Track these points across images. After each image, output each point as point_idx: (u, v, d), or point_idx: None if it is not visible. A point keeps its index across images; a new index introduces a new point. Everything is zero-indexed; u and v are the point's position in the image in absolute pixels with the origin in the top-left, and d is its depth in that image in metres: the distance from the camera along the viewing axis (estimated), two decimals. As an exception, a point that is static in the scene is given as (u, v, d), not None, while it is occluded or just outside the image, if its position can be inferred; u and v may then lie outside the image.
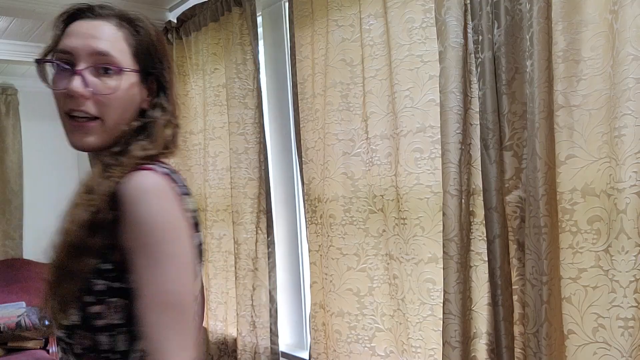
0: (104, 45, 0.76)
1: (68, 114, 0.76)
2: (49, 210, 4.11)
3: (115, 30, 0.78)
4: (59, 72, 0.78)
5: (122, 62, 0.77)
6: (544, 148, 1.17)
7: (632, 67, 1.06)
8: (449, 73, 1.35)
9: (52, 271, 0.81)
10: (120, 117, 0.78)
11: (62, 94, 0.76)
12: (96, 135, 0.77)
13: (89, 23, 0.78)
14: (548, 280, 1.17)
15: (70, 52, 0.76)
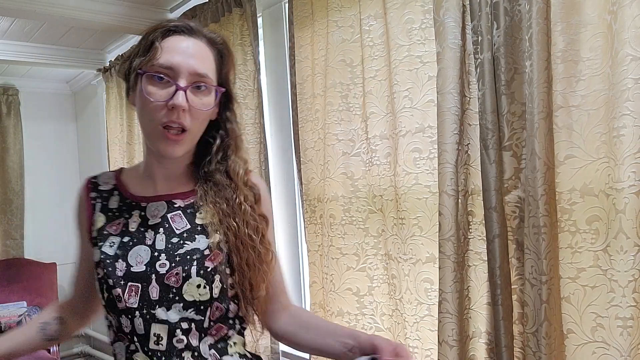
0: (203, 68, 0.84)
1: (163, 125, 0.82)
2: (50, 211, 4.14)
3: (208, 51, 0.86)
4: (154, 83, 0.82)
5: (214, 82, 0.87)
6: (543, 148, 1.17)
7: (631, 67, 1.06)
8: (446, 74, 1.35)
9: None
10: (201, 129, 0.88)
11: (162, 106, 0.81)
12: (184, 145, 0.85)
13: (187, 41, 0.84)
14: (547, 280, 1.17)
15: (172, 67, 0.82)
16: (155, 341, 0.83)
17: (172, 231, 0.88)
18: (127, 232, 0.89)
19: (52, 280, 3.66)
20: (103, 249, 0.88)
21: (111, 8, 2.50)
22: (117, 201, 0.93)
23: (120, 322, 0.86)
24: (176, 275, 0.83)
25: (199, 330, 0.85)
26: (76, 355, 4.10)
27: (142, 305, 0.83)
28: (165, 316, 0.83)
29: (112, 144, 3.33)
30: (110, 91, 3.32)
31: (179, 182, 0.93)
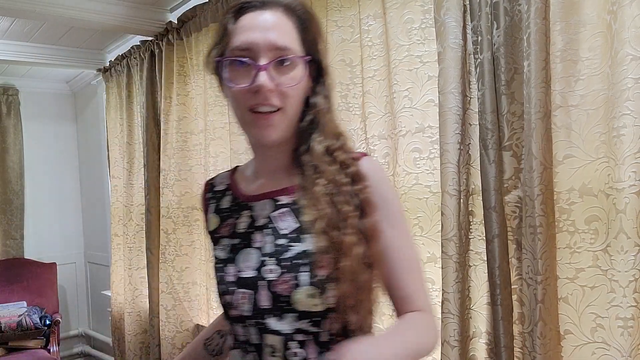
0: (282, 39, 0.75)
1: (252, 109, 0.75)
2: (50, 210, 4.14)
3: (286, 20, 0.77)
4: (235, 68, 0.76)
5: (298, 53, 0.76)
6: (540, 148, 1.17)
7: (631, 67, 1.06)
8: (447, 73, 1.35)
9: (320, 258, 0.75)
10: (297, 106, 0.78)
11: (245, 90, 0.74)
12: (280, 127, 0.76)
13: (260, 15, 0.76)
14: (543, 280, 1.17)
15: (249, 47, 0.74)
16: (270, 352, 0.77)
17: (279, 232, 0.79)
18: (236, 234, 0.82)
19: (52, 280, 3.66)
20: (216, 253, 0.84)
21: (111, 8, 2.50)
22: (229, 201, 0.88)
23: (236, 330, 0.81)
24: (286, 283, 0.74)
25: (317, 344, 0.76)
26: (76, 355, 4.10)
27: (254, 314, 0.77)
28: (277, 326, 0.75)
29: (112, 144, 3.33)
30: (110, 91, 3.33)
31: (285, 175, 0.83)
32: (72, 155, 4.18)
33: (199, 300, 2.58)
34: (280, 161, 0.83)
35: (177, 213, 2.58)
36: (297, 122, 0.81)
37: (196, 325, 2.58)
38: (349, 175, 0.78)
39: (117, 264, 3.26)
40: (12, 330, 3.14)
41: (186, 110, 2.56)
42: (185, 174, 2.58)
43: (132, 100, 3.06)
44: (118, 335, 3.25)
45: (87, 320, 4.14)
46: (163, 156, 2.65)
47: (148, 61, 2.78)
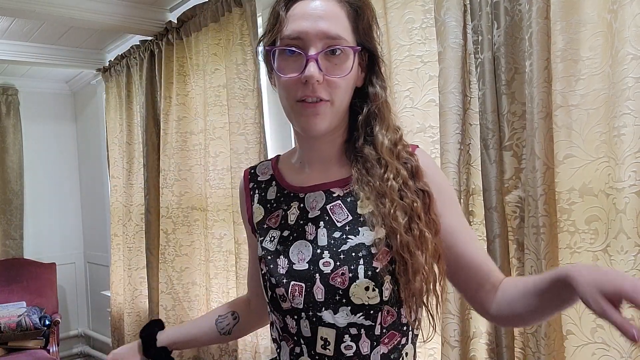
0: (334, 28, 0.74)
1: (299, 100, 0.74)
2: (50, 210, 4.13)
3: (338, 8, 0.75)
4: (285, 57, 0.75)
5: (349, 42, 0.75)
6: (542, 148, 1.17)
7: (632, 66, 1.06)
8: (448, 73, 1.35)
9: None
10: (346, 98, 0.78)
11: (294, 81, 0.74)
12: (327, 117, 0.75)
13: (312, 3, 0.75)
14: (547, 280, 1.17)
15: (300, 36, 0.73)
16: (322, 345, 0.76)
17: (334, 224, 0.78)
18: (286, 226, 0.81)
19: (52, 280, 3.65)
20: (264, 244, 0.82)
21: (111, 8, 2.50)
22: (275, 192, 0.86)
23: (286, 323, 0.80)
24: (342, 276, 0.74)
25: (369, 338, 0.75)
26: (76, 356, 4.09)
27: (308, 307, 0.76)
28: (332, 320, 0.75)
29: (111, 143, 3.33)
30: (109, 91, 3.32)
31: (336, 167, 0.83)
32: (72, 155, 4.17)
33: (198, 300, 2.58)
34: (329, 152, 0.82)
35: (176, 213, 2.58)
36: (346, 112, 0.80)
37: (196, 326, 2.58)
38: (409, 169, 0.78)
39: (117, 264, 3.26)
40: (11, 331, 3.13)
41: (186, 110, 2.56)
42: (185, 174, 2.58)
43: (131, 100, 3.06)
44: (118, 336, 3.25)
45: (86, 320, 4.14)
46: (163, 156, 2.64)
47: (148, 61, 2.78)
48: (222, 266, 2.37)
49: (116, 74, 3.21)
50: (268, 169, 0.91)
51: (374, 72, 0.81)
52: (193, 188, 2.56)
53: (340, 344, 0.75)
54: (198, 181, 2.54)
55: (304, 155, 0.85)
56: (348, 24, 0.76)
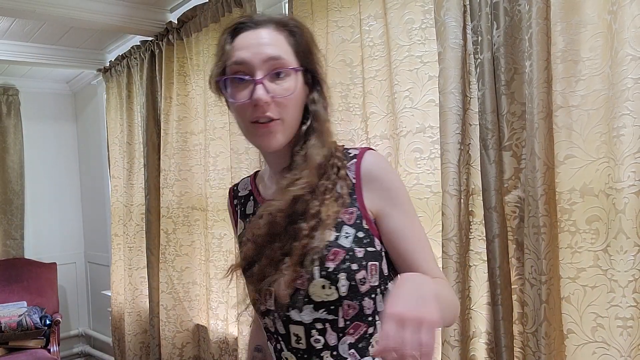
0: (274, 50, 0.80)
1: (253, 121, 0.81)
2: (50, 210, 4.14)
3: (277, 34, 0.82)
4: (235, 85, 0.82)
5: (292, 63, 0.82)
6: (543, 148, 1.17)
7: (631, 67, 1.06)
8: (448, 74, 1.35)
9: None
10: (296, 114, 0.84)
11: (246, 105, 0.80)
12: (280, 134, 0.82)
13: (253, 33, 0.82)
14: (547, 280, 1.17)
15: (245, 62, 0.80)
16: (295, 340, 0.84)
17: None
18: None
19: (52, 280, 3.66)
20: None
21: (111, 8, 2.50)
22: (252, 206, 0.94)
23: (266, 323, 0.88)
24: (302, 278, 0.81)
25: (335, 330, 0.82)
26: (76, 355, 4.10)
27: (277, 308, 0.84)
28: (299, 317, 0.83)
29: (112, 144, 3.33)
30: (110, 91, 3.33)
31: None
32: (72, 156, 4.18)
33: (199, 300, 2.58)
34: (286, 163, 0.88)
35: (177, 213, 2.58)
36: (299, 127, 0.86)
37: (196, 325, 2.58)
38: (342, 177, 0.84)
39: (117, 263, 3.26)
40: (12, 330, 3.14)
41: (186, 110, 2.56)
42: (185, 174, 2.58)
43: (132, 100, 3.06)
44: (118, 335, 3.25)
45: (87, 320, 4.14)
46: (163, 156, 2.65)
47: (148, 61, 2.78)
48: (222, 266, 2.37)
49: (117, 74, 3.21)
50: (247, 185, 0.98)
51: (316, 91, 0.87)
52: (193, 188, 2.57)
53: (309, 337, 0.83)
54: (198, 181, 2.55)
55: (270, 169, 0.92)
56: (288, 47, 0.83)
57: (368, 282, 0.82)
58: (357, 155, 0.86)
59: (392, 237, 0.84)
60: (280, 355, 0.88)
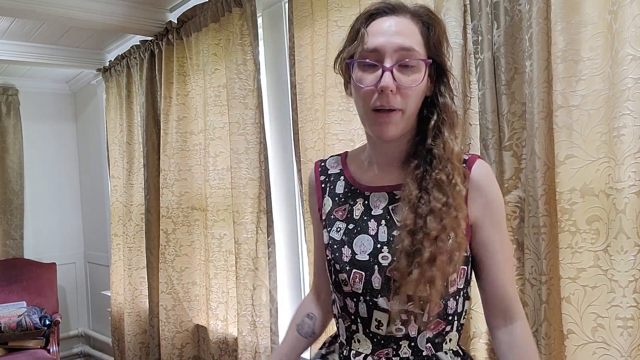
0: (408, 41, 0.81)
1: (374, 109, 0.82)
2: (50, 210, 4.14)
3: (412, 24, 0.83)
4: (363, 69, 0.82)
5: (422, 55, 0.83)
6: (543, 148, 1.17)
7: (631, 67, 1.06)
8: (448, 73, 1.35)
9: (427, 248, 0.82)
10: (417, 105, 0.85)
11: (371, 90, 0.81)
12: (398, 125, 0.83)
13: (389, 20, 0.83)
14: (547, 280, 1.17)
15: (378, 50, 0.81)
16: (376, 325, 0.86)
17: (394, 223, 0.86)
18: (351, 219, 0.90)
19: (52, 280, 3.66)
20: (331, 234, 0.91)
21: (111, 8, 2.50)
22: (343, 186, 0.95)
23: (346, 303, 0.89)
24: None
25: (417, 323, 0.85)
26: (76, 356, 4.10)
27: (366, 292, 0.86)
28: (386, 305, 0.85)
29: (111, 143, 3.33)
30: (109, 91, 3.32)
31: (401, 170, 0.89)
32: (72, 155, 4.17)
33: (198, 300, 2.58)
34: (396, 154, 0.90)
35: (176, 213, 2.58)
36: (415, 119, 0.87)
37: (196, 326, 2.58)
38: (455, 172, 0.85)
39: (117, 264, 3.26)
40: (11, 330, 3.13)
41: (186, 110, 2.56)
42: (185, 173, 2.58)
43: (131, 100, 3.06)
44: (118, 336, 3.25)
45: (86, 320, 4.14)
46: (163, 156, 2.64)
47: (148, 61, 2.78)
48: (222, 266, 2.37)
49: (116, 74, 3.21)
50: (338, 164, 0.99)
51: (442, 83, 0.88)
52: (193, 188, 2.57)
53: (392, 326, 0.85)
54: (198, 181, 2.55)
55: (373, 156, 0.93)
56: (420, 38, 0.84)
57: (456, 284, 0.86)
58: (467, 161, 0.88)
59: (483, 248, 0.88)
60: (352, 335, 0.89)
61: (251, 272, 2.13)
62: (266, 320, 2.11)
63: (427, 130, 0.86)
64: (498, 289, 0.89)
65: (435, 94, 0.87)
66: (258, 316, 2.12)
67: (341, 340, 0.93)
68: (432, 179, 0.83)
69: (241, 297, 2.16)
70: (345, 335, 0.91)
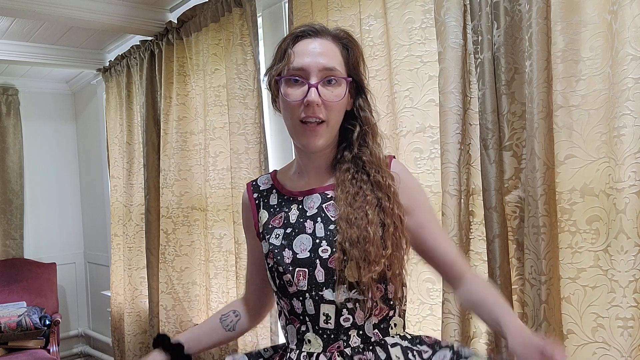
0: (331, 62, 0.92)
1: (302, 120, 0.91)
2: (50, 210, 4.13)
3: (333, 46, 0.94)
4: (291, 85, 0.92)
5: (342, 74, 0.93)
6: (543, 148, 1.17)
7: (631, 67, 1.06)
8: (448, 73, 1.35)
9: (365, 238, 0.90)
10: (339, 119, 0.95)
11: (298, 104, 0.91)
12: (323, 136, 0.92)
13: (313, 42, 0.93)
14: (547, 280, 1.17)
15: (304, 69, 0.91)
16: (324, 320, 0.91)
17: (329, 219, 0.94)
18: (288, 224, 0.97)
19: (52, 280, 3.65)
20: (270, 241, 0.97)
21: (111, 8, 2.50)
22: (276, 198, 1.02)
23: (292, 305, 0.94)
24: (338, 259, 0.89)
25: (363, 310, 0.90)
26: (76, 356, 4.09)
27: (311, 288, 0.91)
28: (332, 297, 0.90)
29: (111, 143, 3.33)
30: (109, 91, 3.32)
31: (327, 175, 0.99)
32: (72, 155, 4.17)
33: (198, 300, 2.58)
34: (323, 162, 0.99)
35: (176, 213, 2.58)
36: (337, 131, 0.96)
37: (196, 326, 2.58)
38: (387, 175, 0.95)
39: (117, 264, 3.26)
40: (11, 331, 3.13)
41: (186, 110, 2.56)
42: (185, 173, 2.58)
43: (131, 100, 3.06)
44: (118, 336, 3.25)
45: (86, 320, 4.14)
46: (163, 156, 2.64)
47: (148, 61, 2.78)
48: (222, 266, 2.37)
49: (116, 74, 3.21)
50: (268, 180, 1.07)
51: (361, 98, 0.98)
52: (193, 188, 2.56)
53: (340, 317, 0.90)
54: (198, 181, 2.54)
55: (303, 166, 1.01)
56: (341, 59, 0.94)
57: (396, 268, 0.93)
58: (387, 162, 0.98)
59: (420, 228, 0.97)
60: (302, 337, 0.93)
61: (251, 272, 2.13)
62: (266, 320, 2.11)
63: (352, 140, 0.96)
64: (444, 257, 0.98)
65: (356, 108, 0.97)
66: (258, 316, 2.11)
67: (291, 346, 0.96)
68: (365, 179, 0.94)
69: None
70: (296, 339, 0.95)
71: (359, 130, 0.97)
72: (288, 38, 0.95)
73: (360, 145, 0.96)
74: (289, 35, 0.96)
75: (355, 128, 0.97)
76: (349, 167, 0.95)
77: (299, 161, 1.02)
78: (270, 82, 0.96)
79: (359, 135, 0.97)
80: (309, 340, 0.92)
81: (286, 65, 0.92)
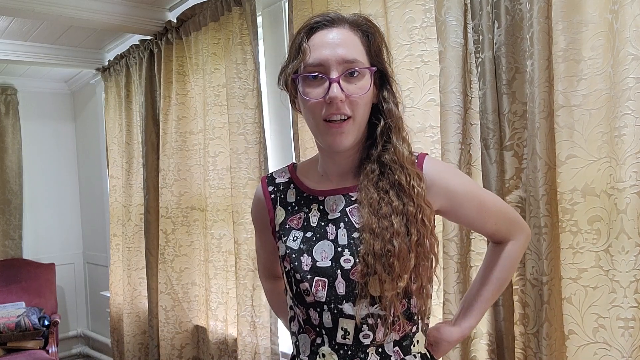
0: (351, 53, 0.82)
1: (325, 119, 0.83)
2: (49, 211, 4.13)
3: (352, 35, 0.85)
4: (309, 83, 0.83)
5: (365, 64, 0.84)
6: (544, 148, 1.17)
7: (632, 66, 1.06)
8: (449, 73, 1.34)
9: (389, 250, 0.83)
10: (366, 113, 0.86)
11: (319, 102, 0.82)
12: (350, 134, 0.84)
13: (330, 32, 0.84)
14: (548, 281, 1.17)
15: (322, 63, 0.82)
16: (342, 335, 0.84)
17: (352, 226, 0.86)
18: (309, 227, 0.89)
19: (51, 281, 3.65)
20: (288, 244, 0.89)
21: (110, 7, 2.49)
22: (295, 195, 0.94)
23: (309, 315, 0.87)
24: (360, 272, 0.82)
25: (384, 326, 0.84)
26: (75, 356, 4.09)
27: (330, 300, 0.84)
28: (352, 311, 0.83)
29: (110, 143, 3.32)
30: (109, 91, 3.32)
31: (354, 176, 0.91)
32: (71, 155, 4.17)
33: (198, 300, 2.57)
34: (348, 164, 0.90)
35: (176, 213, 2.57)
36: (365, 127, 0.88)
37: (195, 326, 2.57)
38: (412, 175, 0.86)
39: (116, 264, 3.25)
40: (10, 331, 3.13)
41: (185, 109, 2.56)
42: (184, 173, 2.57)
43: (131, 100, 3.05)
44: (117, 336, 3.24)
45: (85, 320, 4.13)
46: (162, 156, 2.64)
47: (147, 60, 2.77)
48: (221, 266, 2.36)
49: (115, 74, 3.20)
50: (285, 173, 0.98)
51: (385, 89, 0.89)
52: (192, 188, 2.56)
53: (359, 333, 0.83)
54: (197, 181, 2.54)
55: (326, 167, 0.93)
56: (362, 48, 0.85)
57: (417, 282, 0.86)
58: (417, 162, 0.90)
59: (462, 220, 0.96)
60: (317, 350, 0.87)
61: (251, 273, 2.12)
62: (266, 320, 2.10)
63: (376, 136, 0.88)
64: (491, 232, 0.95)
65: (380, 100, 0.88)
66: (258, 317, 2.11)
67: (301, 357, 0.90)
68: (391, 182, 0.85)
69: (241, 298, 2.15)
70: (310, 350, 0.88)
71: (382, 125, 0.87)
72: (302, 31, 0.85)
73: (385, 142, 0.87)
74: (303, 27, 0.86)
75: (379, 123, 0.88)
76: (374, 168, 0.87)
77: (322, 163, 0.93)
78: (287, 82, 0.87)
79: (383, 130, 0.87)
80: (324, 355, 0.86)
81: (302, 62, 0.83)
